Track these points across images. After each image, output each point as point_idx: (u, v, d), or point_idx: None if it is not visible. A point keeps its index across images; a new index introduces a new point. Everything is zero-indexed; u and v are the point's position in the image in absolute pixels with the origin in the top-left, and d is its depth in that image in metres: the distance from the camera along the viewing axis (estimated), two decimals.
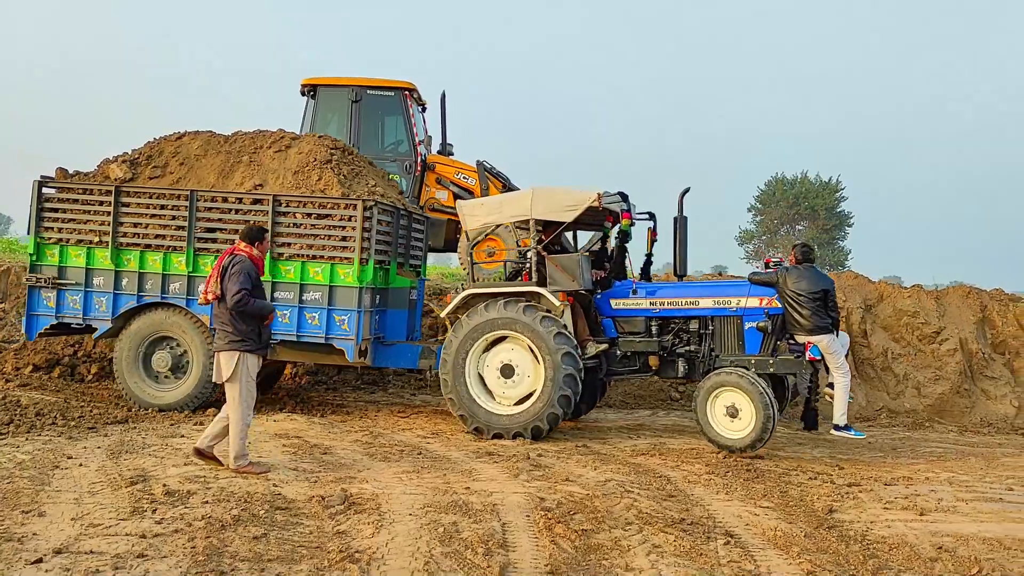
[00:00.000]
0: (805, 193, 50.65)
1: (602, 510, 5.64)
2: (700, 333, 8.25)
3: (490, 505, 5.63)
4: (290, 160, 8.96)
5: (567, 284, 8.14)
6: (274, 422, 8.31)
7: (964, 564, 4.91)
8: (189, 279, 8.61)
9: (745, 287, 8.18)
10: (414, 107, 12.62)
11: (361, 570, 4.42)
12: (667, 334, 8.37)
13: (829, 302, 7.81)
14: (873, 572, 4.73)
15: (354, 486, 5.97)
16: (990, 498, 6.37)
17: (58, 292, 8.87)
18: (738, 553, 4.95)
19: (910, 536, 5.39)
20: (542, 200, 8.16)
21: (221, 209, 8.65)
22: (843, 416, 8.17)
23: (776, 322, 7.93)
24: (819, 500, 6.16)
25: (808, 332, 7.77)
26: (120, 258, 8.77)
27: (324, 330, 8.41)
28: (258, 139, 9.28)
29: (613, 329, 8.52)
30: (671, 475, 6.78)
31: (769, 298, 7.96)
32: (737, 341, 8.09)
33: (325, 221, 8.46)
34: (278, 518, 5.19)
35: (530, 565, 4.62)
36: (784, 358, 7.92)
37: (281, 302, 8.44)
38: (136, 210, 8.79)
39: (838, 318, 7.93)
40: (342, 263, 8.36)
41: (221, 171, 9.01)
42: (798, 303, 7.73)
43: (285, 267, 8.48)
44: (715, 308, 8.18)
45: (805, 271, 7.88)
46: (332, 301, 8.40)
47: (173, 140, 9.41)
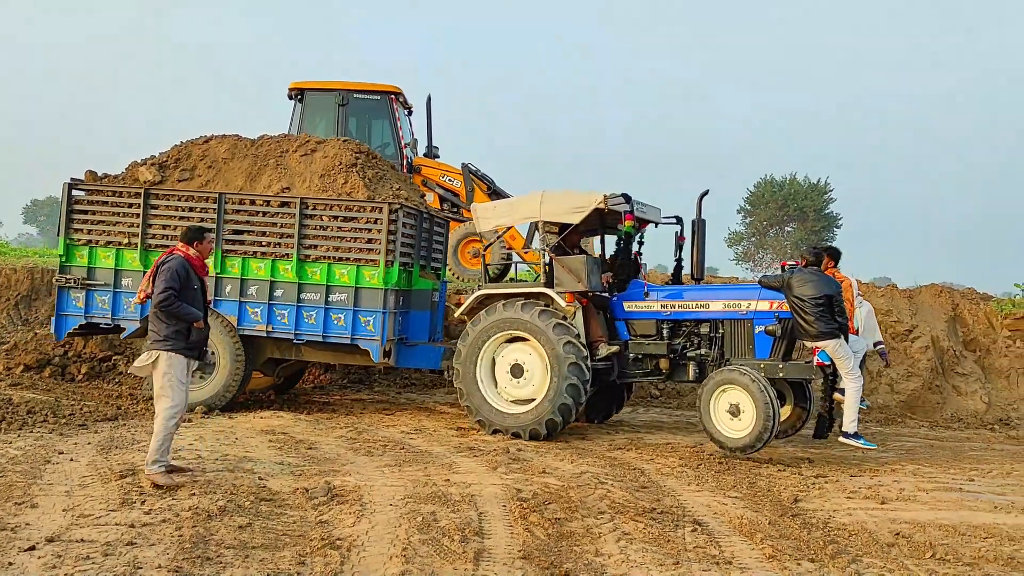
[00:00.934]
0: (794, 195, 51.01)
1: (576, 500, 5.86)
2: (711, 336, 8.24)
3: (468, 496, 5.85)
4: (316, 164, 9.13)
5: (573, 285, 8.20)
6: (261, 419, 8.51)
7: (919, 549, 5.15)
8: (217, 280, 8.74)
9: (756, 290, 8.16)
10: (400, 110, 12.86)
11: (342, 556, 4.62)
12: (678, 337, 8.39)
13: (835, 307, 7.62)
14: (832, 556, 4.96)
15: (337, 479, 6.17)
16: (950, 488, 6.62)
17: (87, 293, 9.03)
18: (704, 539, 5.18)
19: (870, 523, 5.63)
20: (550, 202, 8.32)
21: (249, 212, 8.80)
22: (853, 423, 7.87)
23: (786, 326, 7.87)
24: (786, 490, 6.41)
25: (814, 338, 7.62)
26: (149, 259, 8.87)
27: (350, 331, 8.55)
28: (284, 143, 9.45)
29: (626, 331, 8.58)
30: (645, 468, 7.01)
31: (779, 302, 7.89)
32: (747, 345, 8.07)
33: (351, 224, 8.60)
34: (263, 509, 5.38)
35: (504, 551, 4.83)
36: (795, 363, 7.92)
37: (307, 303, 8.62)
38: (165, 212, 8.95)
39: (846, 323, 7.78)
40: (367, 265, 8.50)
41: (248, 174, 9.18)
42: (803, 308, 7.59)
43: (312, 269, 8.63)
44: (725, 312, 8.18)
45: (810, 275, 7.70)
46: (358, 302, 8.53)
47: (200, 144, 9.59)
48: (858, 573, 4.73)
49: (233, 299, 8.76)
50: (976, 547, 5.21)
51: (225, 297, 8.77)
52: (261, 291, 8.72)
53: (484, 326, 8.31)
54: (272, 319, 8.69)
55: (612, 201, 8.13)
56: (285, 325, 8.67)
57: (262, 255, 8.72)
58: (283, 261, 8.66)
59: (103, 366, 10.80)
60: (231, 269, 8.76)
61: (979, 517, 5.83)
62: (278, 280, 8.68)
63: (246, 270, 8.74)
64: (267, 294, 8.69)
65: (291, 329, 8.67)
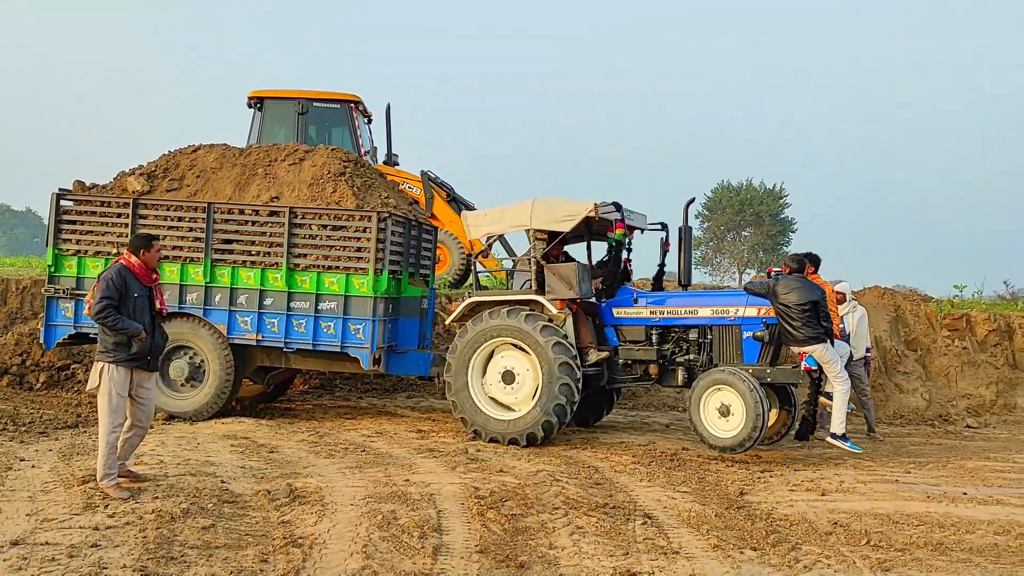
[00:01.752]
0: (750, 200, 51.94)
1: (532, 497, 6.07)
2: (699, 342, 8.34)
3: (427, 495, 6.03)
4: (304, 173, 9.18)
5: (564, 292, 8.25)
6: (222, 424, 8.58)
7: (855, 536, 5.46)
8: (206, 289, 8.79)
9: (743, 297, 8.27)
10: (359, 119, 12.99)
11: (304, 554, 4.78)
12: (667, 343, 8.47)
13: (820, 312, 7.76)
14: (773, 545, 5.24)
15: (299, 481, 6.30)
16: (887, 480, 6.97)
17: (76, 303, 8.99)
18: (653, 532, 5.43)
19: (810, 513, 5.93)
20: (541, 211, 8.38)
21: (238, 221, 8.84)
22: (841, 425, 7.97)
23: (773, 332, 7.98)
24: (733, 484, 6.70)
25: (801, 343, 7.74)
26: None
27: (340, 339, 8.59)
28: (272, 152, 9.50)
29: (615, 337, 8.65)
30: (599, 465, 7.26)
31: (767, 308, 8.01)
32: (736, 350, 8.18)
33: (340, 232, 8.65)
34: (226, 510, 5.51)
35: (462, 546, 5.03)
36: (782, 368, 8.05)
37: (297, 312, 8.66)
38: (154, 222, 8.95)
39: (831, 327, 7.93)
40: (357, 273, 8.54)
41: (237, 184, 9.20)
42: (789, 315, 7.70)
43: (301, 277, 8.67)
44: (714, 317, 8.28)
45: (794, 282, 7.84)
46: (347, 310, 8.57)
47: (189, 153, 9.60)
48: (797, 560, 5.01)
49: (223, 308, 8.78)
50: (908, 534, 5.54)
51: (215, 306, 8.79)
52: (251, 300, 8.75)
53: (473, 334, 8.35)
54: (262, 328, 8.73)
55: (603, 209, 8.20)
56: (275, 334, 8.71)
57: (251, 264, 8.76)
58: (272, 270, 8.70)
59: (61, 375, 10.76)
60: (221, 278, 8.79)
61: (912, 506, 6.16)
62: (268, 289, 8.71)
63: (236, 279, 8.77)
64: (257, 303, 8.73)
65: (281, 338, 8.70)
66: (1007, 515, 5.98)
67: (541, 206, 8.43)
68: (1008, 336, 11.48)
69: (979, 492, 6.64)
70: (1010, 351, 11.41)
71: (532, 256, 8.50)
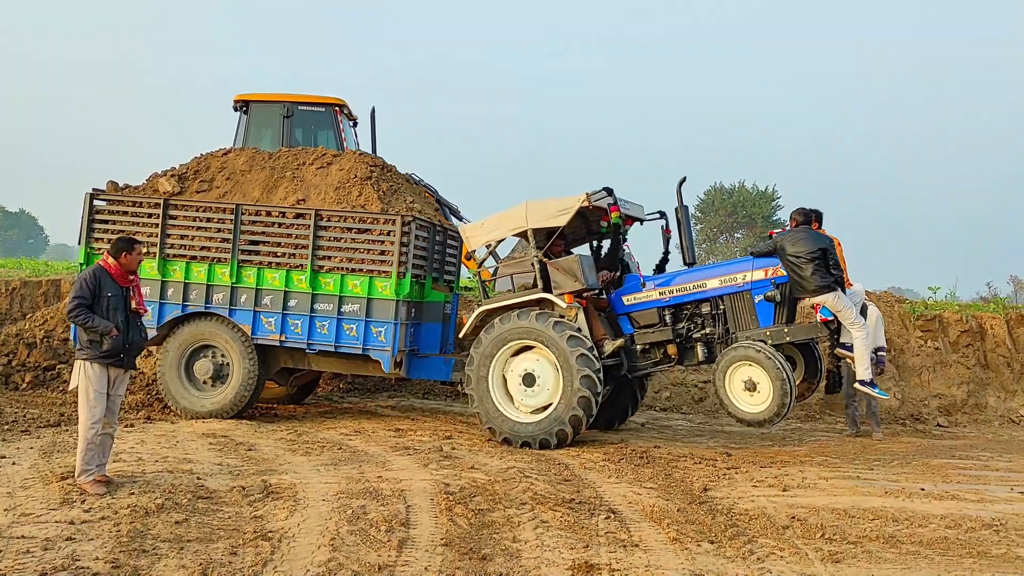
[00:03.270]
0: (743, 202, 52.20)
1: (500, 493, 6.24)
2: (713, 315, 8.35)
3: (399, 491, 6.19)
4: (331, 176, 9.34)
5: (570, 285, 8.31)
6: (202, 423, 8.74)
7: (810, 530, 5.62)
8: (232, 290, 8.95)
9: (749, 262, 8.30)
10: (344, 122, 13.11)
11: (272, 546, 4.93)
12: (681, 321, 8.49)
13: (830, 260, 7.75)
14: (730, 538, 5.40)
15: (274, 477, 6.46)
16: (848, 476, 7.15)
17: None
18: (615, 526, 5.60)
19: (769, 508, 6.10)
20: (535, 211, 8.47)
21: (265, 223, 8.99)
22: (867, 371, 7.94)
23: (784, 290, 7.99)
24: (697, 481, 6.87)
25: (812, 293, 7.77)
26: (166, 268, 9.08)
27: (362, 341, 8.71)
28: (301, 156, 9.65)
29: (629, 325, 8.68)
30: (570, 463, 7.42)
31: (774, 268, 8.03)
32: (750, 316, 8.17)
33: (365, 235, 8.78)
34: (200, 506, 5.66)
35: (427, 539, 5.19)
36: (800, 325, 8.06)
37: (321, 313, 8.80)
38: (183, 222, 9.14)
39: (841, 276, 7.91)
40: (380, 276, 8.66)
41: (265, 186, 9.36)
42: (798, 265, 7.71)
43: (325, 279, 8.81)
44: (723, 287, 8.29)
45: (801, 233, 7.87)
46: (370, 313, 8.69)
47: (219, 156, 9.78)
48: (751, 552, 5.17)
49: (248, 308, 8.93)
50: (862, 527, 5.71)
51: (240, 306, 8.95)
52: (275, 301, 8.90)
53: (488, 343, 8.39)
54: (286, 328, 8.86)
55: (595, 197, 8.24)
56: (298, 335, 8.84)
57: (277, 265, 8.90)
58: (297, 272, 8.84)
59: (47, 375, 10.91)
60: (247, 279, 8.95)
61: (869, 501, 6.34)
62: (292, 290, 8.86)
63: (261, 280, 8.93)
64: (281, 304, 8.87)
65: (304, 339, 8.83)
66: (960, 510, 6.16)
67: (535, 206, 8.52)
68: (980, 337, 11.67)
69: (936, 488, 6.82)
70: (982, 352, 11.61)
71: (533, 255, 8.54)
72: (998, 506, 6.33)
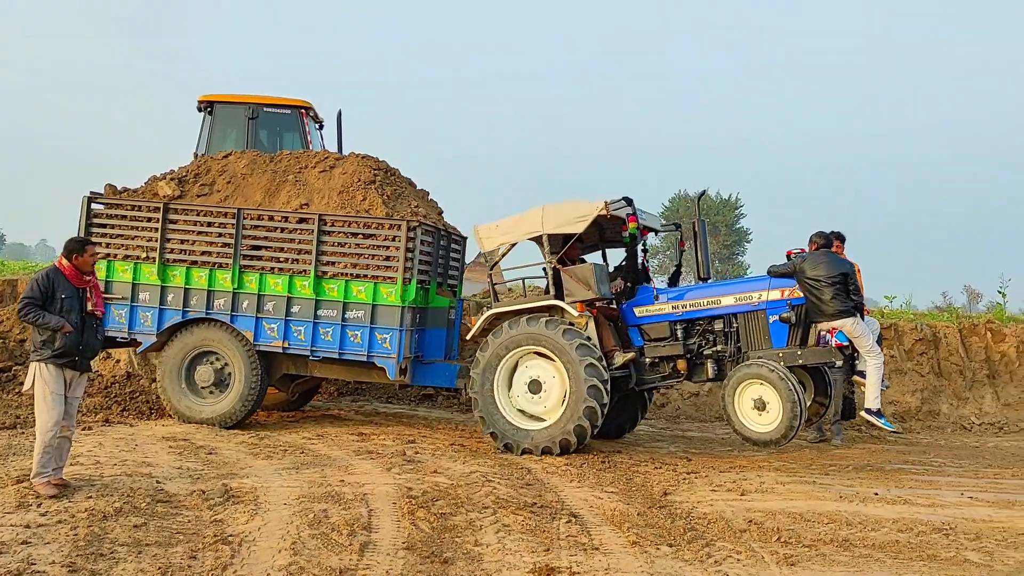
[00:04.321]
0: (707, 210, 52.87)
1: (463, 497, 6.27)
2: (725, 332, 8.22)
3: (361, 495, 6.19)
4: (335, 180, 9.17)
5: (583, 294, 8.22)
6: (163, 426, 8.65)
7: (767, 533, 5.73)
8: (234, 295, 8.79)
9: (765, 281, 8.17)
10: (310, 124, 13.07)
11: (232, 550, 4.92)
12: (693, 336, 8.37)
13: (850, 286, 7.66)
14: (688, 541, 5.49)
15: (235, 481, 6.42)
16: (805, 481, 7.29)
17: (105, 306, 9.00)
18: (576, 529, 5.66)
19: (728, 512, 6.21)
20: (552, 215, 8.36)
21: (267, 227, 8.83)
22: (876, 400, 7.88)
23: (800, 312, 7.88)
24: (658, 485, 6.96)
25: (830, 317, 7.65)
26: (166, 274, 8.91)
27: (366, 348, 8.56)
28: (303, 159, 9.47)
29: (639, 337, 8.55)
30: (532, 467, 7.47)
31: (790, 289, 7.91)
32: (764, 336, 8.05)
33: (369, 241, 8.64)
34: (159, 510, 5.61)
35: (389, 543, 5.20)
36: (813, 349, 7.89)
37: (324, 320, 8.66)
38: (183, 227, 8.96)
39: (862, 302, 7.84)
40: (385, 282, 8.53)
41: (267, 190, 9.17)
42: (818, 289, 7.61)
43: (329, 285, 8.67)
44: (737, 305, 8.18)
45: (822, 256, 7.81)
46: (375, 319, 8.55)
47: (219, 159, 9.58)
48: (709, 555, 5.27)
49: (250, 314, 8.77)
50: (817, 531, 5.83)
51: (242, 312, 8.80)
52: (278, 307, 8.74)
53: (495, 346, 8.30)
54: (289, 335, 8.72)
55: (614, 206, 8.11)
56: (301, 341, 8.70)
57: (279, 271, 8.76)
58: (300, 277, 8.70)
59: (2, 376, 10.70)
60: (248, 284, 8.79)
61: (825, 506, 6.47)
62: (295, 296, 8.71)
63: (263, 286, 8.77)
64: (284, 310, 8.73)
65: (307, 345, 8.69)
66: (912, 514, 6.32)
67: (552, 210, 8.41)
68: (934, 345, 11.94)
69: (889, 493, 6.98)
70: (936, 360, 11.88)
71: (547, 261, 8.47)
72: (948, 510, 6.50)
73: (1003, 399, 11.69)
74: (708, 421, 10.96)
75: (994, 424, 11.32)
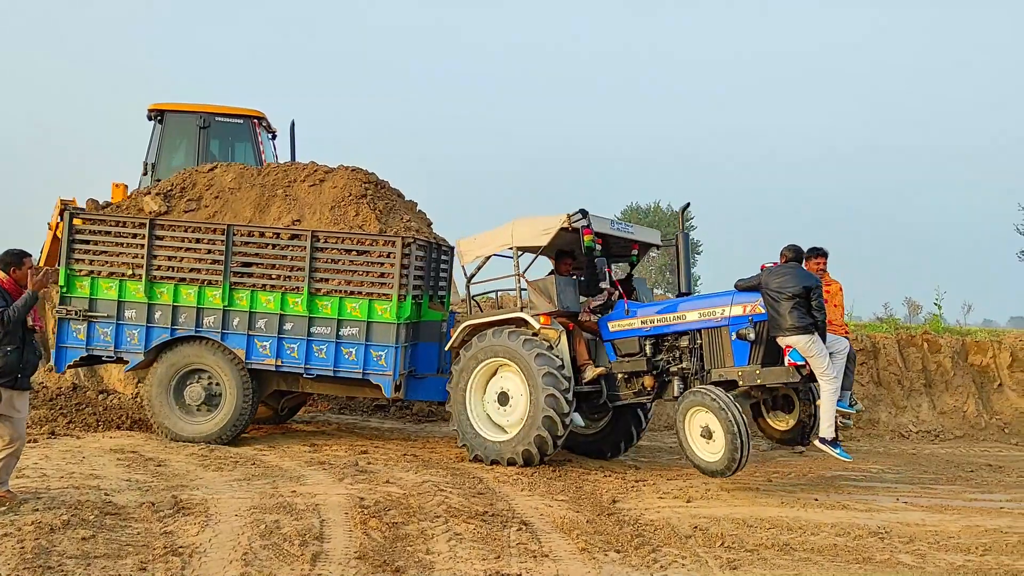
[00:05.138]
0: (658, 222, 53.55)
1: (415, 506, 6.33)
2: (690, 348, 8.02)
3: (313, 505, 6.21)
4: (325, 194, 9.06)
5: (545, 307, 8.26)
6: (110, 439, 8.55)
7: (711, 539, 5.91)
8: (224, 313, 8.64)
9: (729, 296, 7.90)
10: (263, 134, 13.03)
11: (183, 562, 4.91)
12: (660, 353, 8.23)
13: (813, 302, 7.37)
14: (636, 547, 5.64)
15: (185, 493, 6.39)
16: (749, 488, 7.52)
17: (88, 324, 8.81)
18: (527, 537, 5.76)
19: (674, 519, 6.38)
20: (520, 229, 8.46)
21: (258, 244, 8.70)
22: (830, 428, 7.45)
23: (760, 330, 7.57)
24: (607, 493, 7.12)
25: (785, 332, 7.34)
26: (153, 291, 8.73)
27: (362, 365, 8.46)
28: (291, 172, 9.33)
29: (613, 352, 8.47)
30: (484, 477, 7.57)
31: (752, 304, 7.64)
32: (725, 353, 7.77)
33: (364, 257, 8.54)
34: (107, 522, 5.57)
35: (341, 553, 5.24)
36: (773, 368, 7.56)
37: (318, 337, 8.55)
38: (171, 243, 8.78)
39: (823, 320, 7.46)
40: (380, 299, 8.43)
41: (257, 205, 9.02)
42: (777, 302, 7.38)
43: (322, 302, 8.54)
44: (702, 321, 7.92)
45: (787, 270, 7.56)
46: (370, 337, 8.45)
47: (205, 172, 9.41)
48: (655, 560, 5.42)
49: (241, 332, 8.63)
50: (759, 536, 6.03)
51: (233, 330, 8.65)
52: (270, 324, 8.61)
53: (465, 359, 8.40)
54: (282, 353, 8.60)
55: (573, 219, 8.16)
56: (295, 359, 8.59)
57: (271, 288, 8.64)
58: (293, 294, 8.58)
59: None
60: (239, 302, 8.65)
61: (767, 511, 6.69)
62: (288, 313, 8.59)
63: (255, 303, 8.63)
64: (276, 327, 8.60)
65: (301, 363, 8.58)
66: (849, 519, 6.57)
67: (521, 224, 8.53)
68: (874, 356, 12.34)
69: (829, 498, 7.24)
70: (875, 370, 12.28)
71: (516, 274, 8.57)
72: (884, 515, 6.77)
73: (939, 407, 12.13)
74: (657, 430, 11.17)
75: (930, 432, 11.74)
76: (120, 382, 11.07)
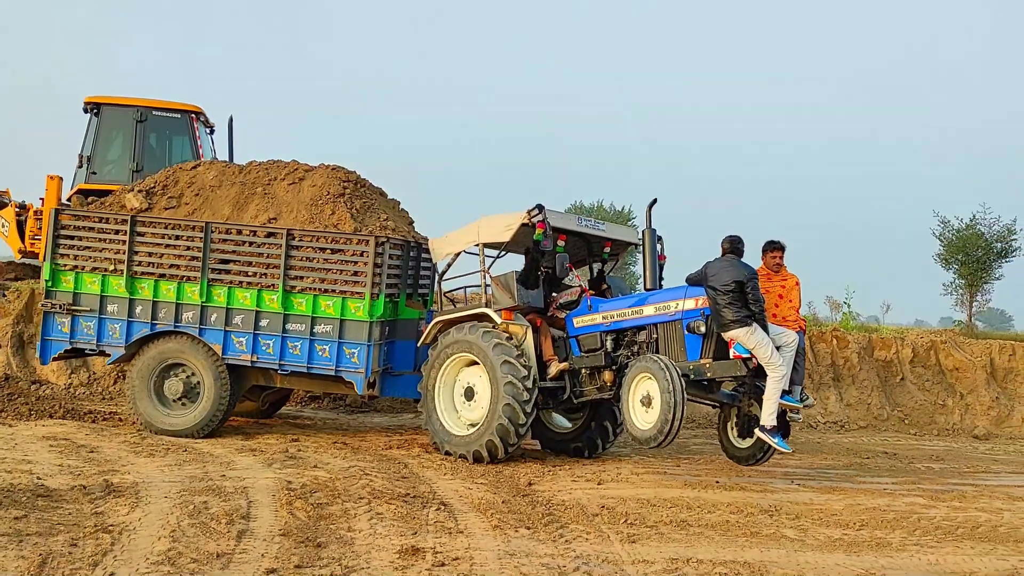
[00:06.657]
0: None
1: (340, 489, 6.68)
2: (647, 343, 8.06)
3: (241, 488, 6.52)
4: (304, 193, 9.16)
5: (506, 302, 8.41)
6: (43, 426, 8.68)
7: (616, 516, 6.39)
8: (202, 309, 8.76)
9: (683, 290, 7.94)
10: (201, 129, 13.16)
11: (113, 539, 5.18)
12: (620, 348, 8.27)
13: (748, 294, 7.41)
14: (545, 525, 6.08)
15: (116, 477, 6.63)
16: (657, 471, 8.04)
17: (72, 318, 8.89)
18: (444, 516, 6.16)
19: (584, 499, 6.85)
20: (486, 225, 8.66)
21: (235, 241, 8.82)
22: (771, 417, 7.53)
23: (710, 323, 7.64)
24: (524, 476, 7.56)
25: (723, 327, 7.43)
26: (134, 286, 8.83)
27: (334, 362, 8.61)
28: (272, 170, 9.41)
29: (577, 348, 8.53)
30: (410, 462, 7.95)
31: (704, 298, 7.68)
32: (679, 347, 7.82)
33: (338, 256, 8.65)
34: (39, 503, 5.79)
35: (266, 530, 5.57)
36: (722, 362, 7.62)
37: (293, 334, 8.68)
38: (151, 240, 8.89)
39: (761, 311, 7.48)
40: (353, 297, 8.56)
41: (236, 203, 9.11)
42: (716, 296, 7.45)
43: (297, 300, 8.67)
44: (657, 315, 7.99)
45: (724, 263, 7.60)
46: (343, 334, 8.59)
47: (188, 170, 9.50)
48: (562, 536, 5.87)
49: (219, 328, 8.76)
50: (660, 514, 6.53)
51: (210, 326, 8.77)
52: (246, 320, 8.74)
53: (433, 355, 8.59)
54: (257, 349, 8.73)
55: (532, 214, 8.32)
56: (270, 355, 8.72)
57: (248, 285, 8.77)
58: (269, 291, 8.70)
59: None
60: (217, 298, 8.77)
61: (671, 492, 7.21)
62: (263, 310, 8.71)
63: (232, 299, 8.76)
64: (252, 324, 8.73)
65: (276, 359, 8.71)
66: (744, 499, 7.12)
67: (486, 222, 8.75)
68: None
69: (730, 480, 7.79)
70: None
71: (482, 270, 8.78)
72: (777, 495, 7.34)
73: (845, 400, 12.90)
74: None
75: (837, 423, 12.50)
76: (53, 372, 11.14)
